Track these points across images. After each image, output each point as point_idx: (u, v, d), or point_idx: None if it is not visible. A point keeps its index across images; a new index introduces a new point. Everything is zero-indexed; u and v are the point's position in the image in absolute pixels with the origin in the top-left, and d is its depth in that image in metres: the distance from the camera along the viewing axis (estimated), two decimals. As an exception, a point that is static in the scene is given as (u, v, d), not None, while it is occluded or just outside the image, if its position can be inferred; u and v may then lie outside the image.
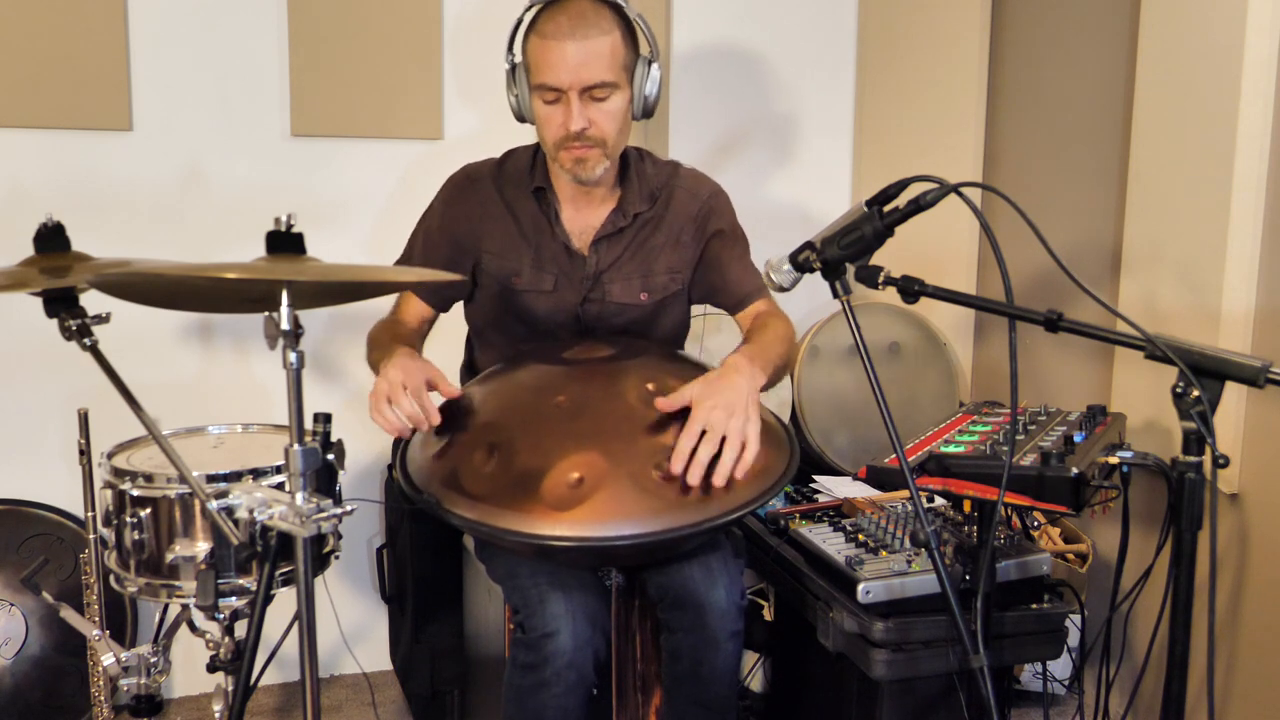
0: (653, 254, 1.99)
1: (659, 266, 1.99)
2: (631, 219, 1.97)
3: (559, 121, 1.82)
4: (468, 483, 1.60)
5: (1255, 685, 1.99)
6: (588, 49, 1.77)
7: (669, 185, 2.01)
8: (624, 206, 1.97)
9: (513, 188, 1.99)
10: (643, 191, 1.98)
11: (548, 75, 1.79)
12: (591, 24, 1.78)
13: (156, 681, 1.76)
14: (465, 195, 2.00)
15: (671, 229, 2.00)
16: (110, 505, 1.79)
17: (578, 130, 1.80)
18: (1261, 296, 1.95)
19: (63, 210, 1.71)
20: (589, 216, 1.98)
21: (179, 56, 2.45)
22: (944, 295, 1.47)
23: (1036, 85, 2.64)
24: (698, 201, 2.02)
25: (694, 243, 2.02)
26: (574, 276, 1.97)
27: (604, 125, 1.83)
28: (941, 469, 1.58)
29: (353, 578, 2.72)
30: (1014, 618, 1.80)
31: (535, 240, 1.97)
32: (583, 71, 1.78)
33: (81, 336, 1.63)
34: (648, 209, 1.98)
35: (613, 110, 1.83)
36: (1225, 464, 1.26)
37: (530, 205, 1.97)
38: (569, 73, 1.78)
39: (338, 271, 1.45)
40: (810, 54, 2.91)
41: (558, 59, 1.77)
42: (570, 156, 1.84)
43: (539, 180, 1.96)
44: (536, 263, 1.96)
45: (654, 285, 1.99)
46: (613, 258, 1.97)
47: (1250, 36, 1.90)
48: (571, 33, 1.77)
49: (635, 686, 1.91)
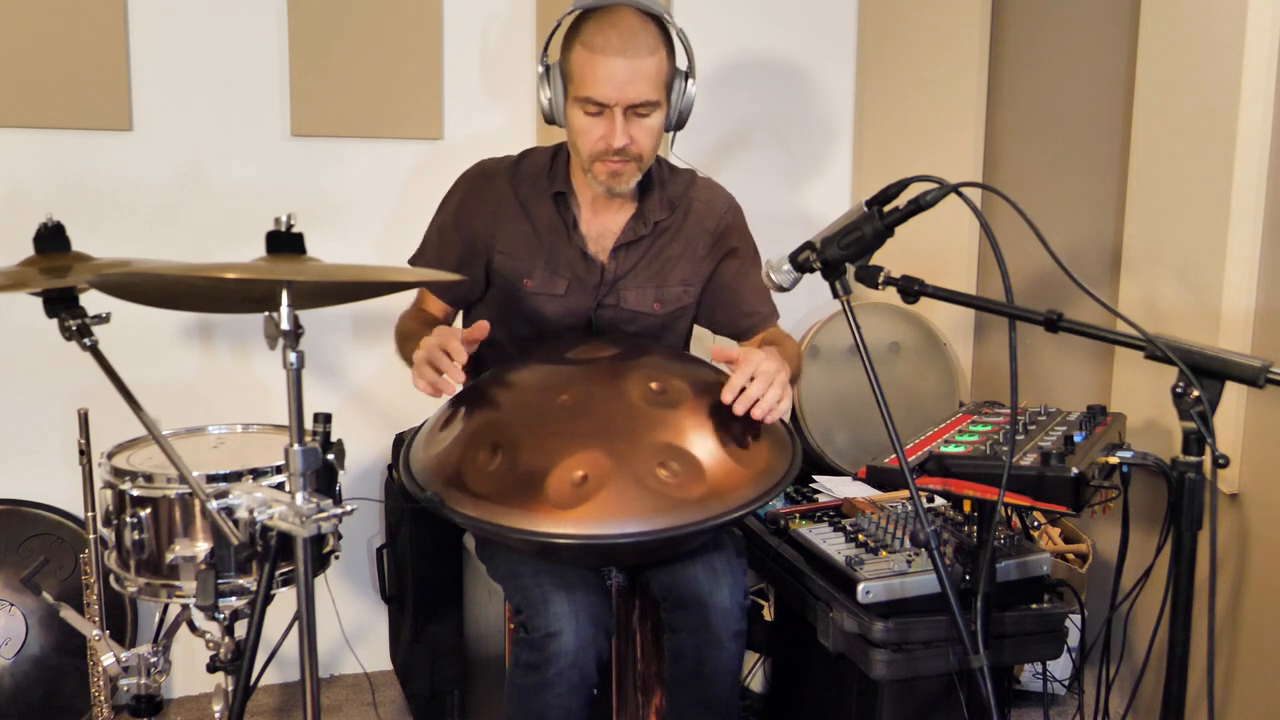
0: (668, 264, 1.99)
1: (673, 278, 2.00)
2: (651, 227, 1.97)
3: (599, 135, 1.82)
4: (471, 481, 1.60)
5: (1255, 685, 1.99)
6: (636, 68, 1.77)
7: (687, 195, 2.02)
8: (644, 214, 1.97)
9: (528, 188, 1.98)
10: (662, 200, 1.99)
11: (593, 89, 1.78)
12: (641, 42, 1.78)
13: (156, 681, 1.76)
14: (480, 192, 2.00)
15: (689, 240, 2.00)
16: (110, 505, 1.79)
17: (620, 146, 1.81)
18: (1261, 296, 1.95)
19: (62, 210, 1.71)
20: (607, 222, 1.98)
21: (179, 56, 2.45)
22: (944, 295, 1.47)
23: (1036, 85, 2.65)
24: (715, 215, 2.02)
25: (709, 257, 2.02)
26: (588, 282, 1.97)
27: (644, 142, 1.83)
28: (941, 469, 1.58)
29: (353, 578, 2.72)
30: (1014, 618, 1.80)
31: (550, 243, 1.96)
32: (629, 89, 1.77)
33: (81, 336, 1.63)
34: (666, 217, 1.99)
35: (653, 127, 1.84)
36: (1225, 464, 1.25)
37: (547, 207, 1.97)
38: (616, 90, 1.77)
39: (338, 271, 1.45)
40: (810, 54, 2.91)
41: (605, 75, 1.77)
42: (606, 169, 1.84)
43: (559, 184, 1.96)
44: (550, 266, 1.96)
45: (667, 296, 1.99)
46: (630, 265, 1.98)
47: (1250, 36, 1.90)
48: (622, 50, 1.76)
49: (636, 686, 1.91)
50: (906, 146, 2.84)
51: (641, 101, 1.79)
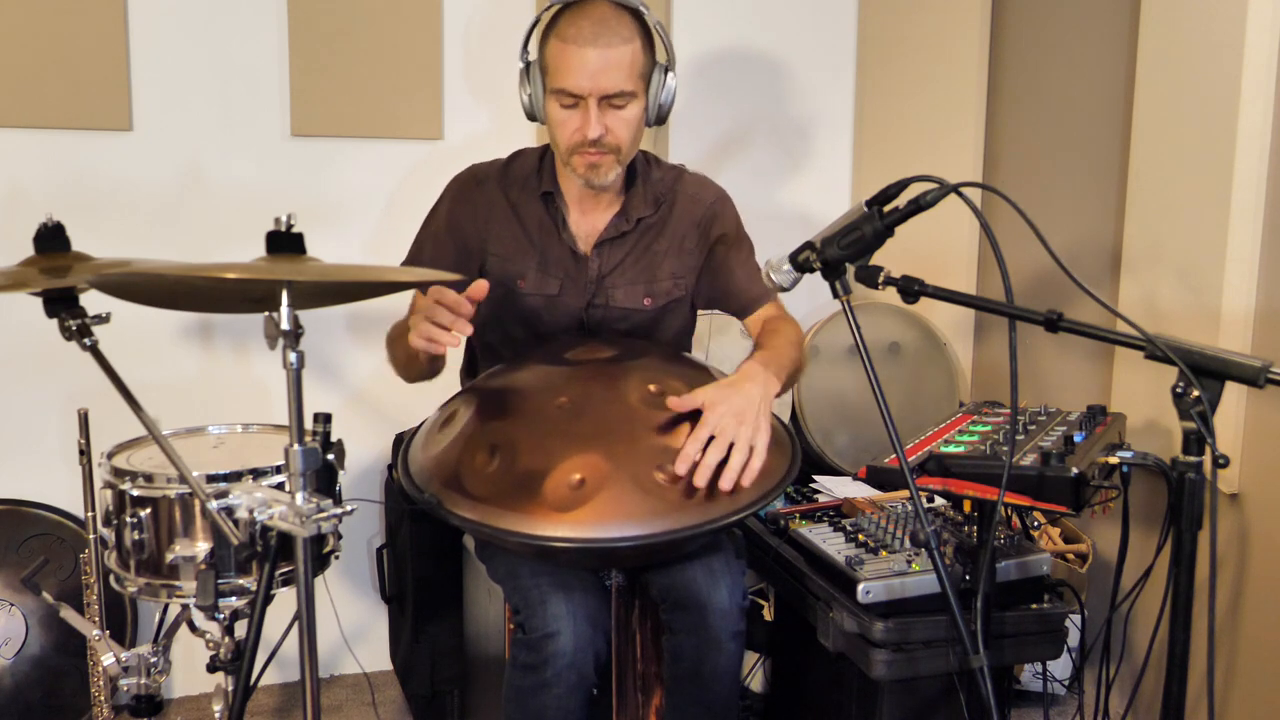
0: (656, 259, 1.99)
1: (662, 272, 1.99)
2: (635, 223, 1.97)
3: (575, 127, 1.81)
4: (469, 483, 1.60)
5: (1255, 685, 1.99)
6: (609, 57, 1.77)
7: (673, 190, 2.01)
8: (627, 211, 1.96)
9: (518, 189, 1.98)
10: (647, 196, 1.98)
11: (567, 80, 1.78)
12: (614, 31, 1.77)
13: (156, 681, 1.76)
14: (471, 196, 2.00)
15: (675, 234, 2.00)
16: (110, 505, 1.79)
17: (595, 137, 1.80)
18: (1261, 296, 1.95)
19: (63, 210, 1.71)
20: (595, 220, 1.98)
21: (179, 56, 2.45)
22: (944, 295, 1.47)
23: (1036, 85, 2.65)
24: (701, 207, 2.02)
25: (698, 249, 2.01)
26: (579, 281, 1.97)
27: (620, 133, 1.83)
28: (941, 469, 1.58)
29: (353, 578, 2.72)
30: (1014, 618, 1.80)
31: (541, 243, 1.96)
32: (603, 79, 1.77)
33: (81, 336, 1.63)
34: (651, 213, 1.98)
35: (629, 118, 1.83)
36: (1225, 464, 1.25)
37: (537, 208, 1.97)
38: (589, 79, 1.77)
39: (338, 271, 1.45)
40: (810, 54, 2.91)
41: (578, 65, 1.77)
42: (584, 161, 1.84)
43: (547, 184, 1.96)
44: (542, 266, 1.96)
45: (657, 290, 1.99)
46: (615, 262, 1.97)
47: (1250, 36, 1.90)
48: (594, 39, 1.76)
49: (635, 687, 1.91)
50: (906, 146, 2.84)
51: (616, 92, 1.79)
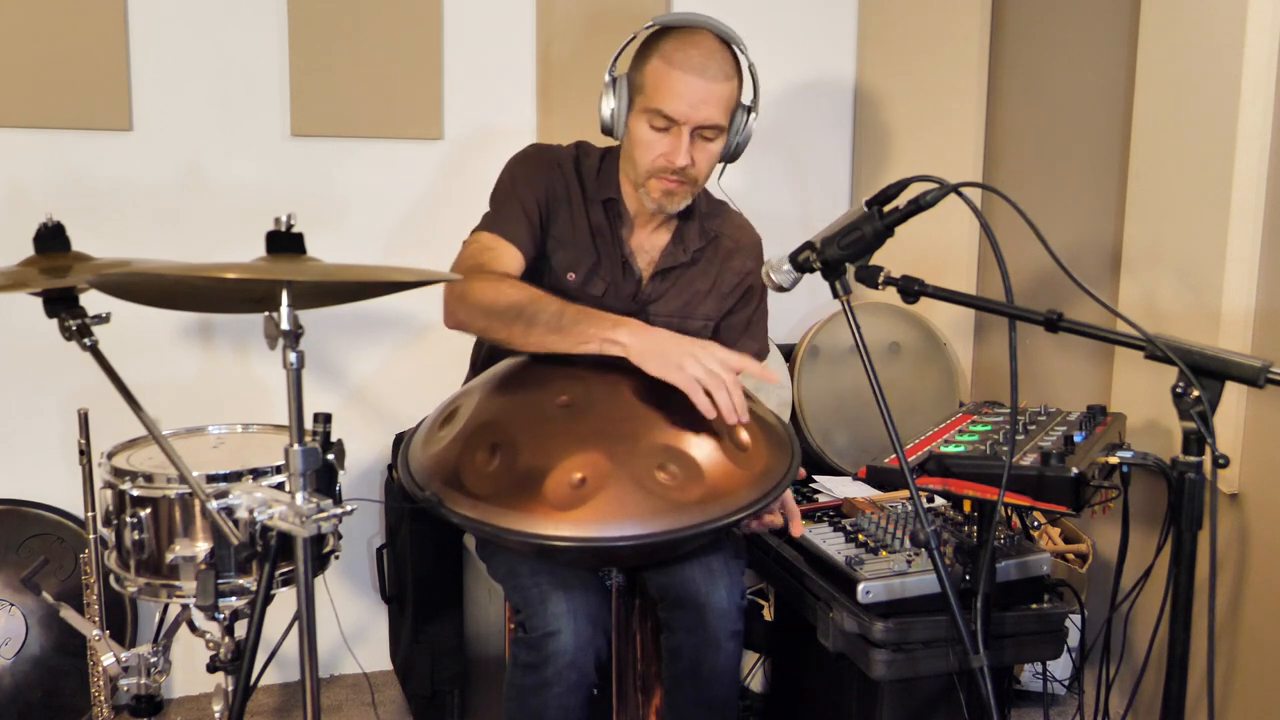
0: (696, 299, 1.99)
1: (698, 312, 2.00)
2: (690, 255, 1.97)
3: (661, 150, 1.82)
4: (470, 482, 1.60)
5: (1255, 685, 1.99)
6: (713, 91, 1.78)
7: (719, 228, 2.02)
8: (684, 240, 1.97)
9: (589, 184, 1.96)
10: (700, 229, 1.99)
11: (666, 104, 1.78)
12: (719, 66, 1.79)
13: (156, 681, 1.76)
14: (548, 173, 1.94)
15: (717, 277, 2.00)
16: (110, 505, 1.79)
17: (682, 165, 1.81)
18: (1261, 296, 1.95)
19: (63, 210, 1.71)
20: (644, 240, 1.97)
21: (179, 56, 2.45)
22: (944, 295, 1.47)
23: (1036, 85, 2.65)
24: (743, 256, 2.02)
25: (730, 296, 2.03)
26: (622, 292, 1.96)
27: (703, 165, 1.84)
28: (941, 469, 1.58)
29: (353, 578, 2.72)
30: (1014, 618, 1.80)
31: (598, 245, 1.95)
32: (703, 110, 1.78)
33: (81, 336, 1.62)
34: (702, 247, 1.99)
35: (714, 152, 1.85)
36: (1225, 464, 1.26)
37: (598, 210, 1.95)
38: (690, 108, 1.78)
39: (338, 271, 1.45)
40: (810, 54, 2.91)
41: (683, 91, 1.77)
42: (661, 186, 1.84)
43: (608, 190, 1.94)
44: (594, 267, 1.95)
45: (689, 328, 1.97)
46: (663, 291, 1.98)
47: (1250, 36, 1.90)
48: (702, 70, 1.77)
49: (635, 686, 1.91)
50: (906, 147, 2.84)
51: (710, 124, 1.80)
